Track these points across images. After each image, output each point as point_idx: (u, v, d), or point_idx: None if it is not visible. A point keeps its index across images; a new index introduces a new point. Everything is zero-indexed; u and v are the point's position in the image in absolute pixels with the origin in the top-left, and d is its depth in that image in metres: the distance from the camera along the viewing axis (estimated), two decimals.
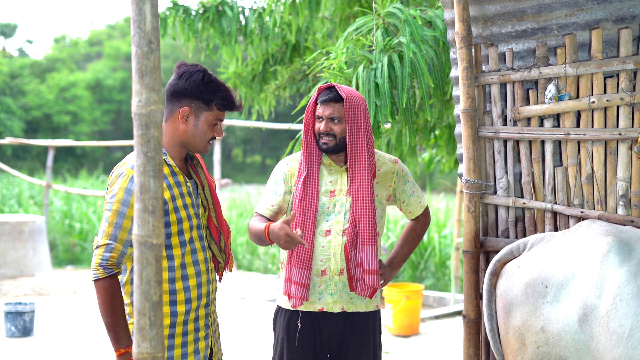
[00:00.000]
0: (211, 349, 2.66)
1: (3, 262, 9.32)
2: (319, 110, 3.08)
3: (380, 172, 3.17)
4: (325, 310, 3.09)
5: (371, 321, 3.16)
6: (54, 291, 8.70)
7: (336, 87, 3.06)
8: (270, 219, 3.16)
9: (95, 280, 2.46)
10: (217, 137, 2.63)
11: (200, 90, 2.53)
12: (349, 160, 3.07)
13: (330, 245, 3.07)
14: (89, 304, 8.05)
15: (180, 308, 2.52)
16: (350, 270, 3.07)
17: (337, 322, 3.10)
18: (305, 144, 3.12)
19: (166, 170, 2.53)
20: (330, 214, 3.09)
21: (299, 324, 3.09)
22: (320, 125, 3.07)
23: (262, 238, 3.00)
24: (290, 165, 3.18)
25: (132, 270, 2.54)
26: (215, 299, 2.70)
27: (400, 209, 3.31)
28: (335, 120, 3.06)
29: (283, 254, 3.20)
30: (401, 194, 3.23)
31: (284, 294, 3.11)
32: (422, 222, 3.33)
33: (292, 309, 3.11)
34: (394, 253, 3.32)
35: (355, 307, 3.11)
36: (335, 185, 3.12)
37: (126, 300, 2.55)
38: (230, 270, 2.79)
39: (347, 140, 3.05)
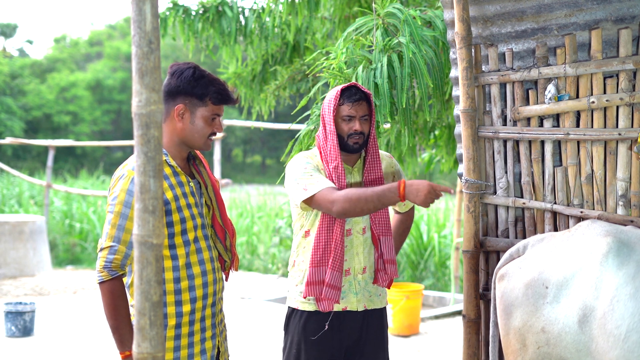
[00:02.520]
0: (218, 349, 2.66)
1: (3, 262, 9.33)
2: (350, 110, 3.06)
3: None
4: (349, 309, 3.12)
5: (383, 316, 3.25)
6: (54, 291, 8.71)
7: (358, 85, 3.11)
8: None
9: (99, 283, 2.45)
10: (217, 133, 2.61)
11: (192, 85, 2.53)
12: (368, 155, 3.12)
13: (352, 244, 3.11)
14: (89, 304, 8.05)
15: (186, 308, 2.51)
16: (377, 263, 3.15)
17: (357, 319, 3.14)
18: (329, 149, 3.04)
19: (168, 170, 2.53)
20: None
21: (326, 326, 3.09)
22: (354, 125, 3.06)
23: (388, 196, 2.82)
24: (315, 160, 3.11)
25: None
26: (221, 298, 2.69)
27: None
28: (365, 118, 3.09)
29: (294, 257, 3.19)
30: None
31: (311, 295, 3.05)
32: (411, 215, 3.48)
33: (310, 310, 3.10)
34: None
35: (373, 304, 3.18)
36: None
37: (131, 302, 2.54)
38: (236, 270, 2.79)
39: (370, 135, 3.11)
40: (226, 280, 2.76)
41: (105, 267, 2.43)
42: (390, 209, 3.19)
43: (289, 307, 3.21)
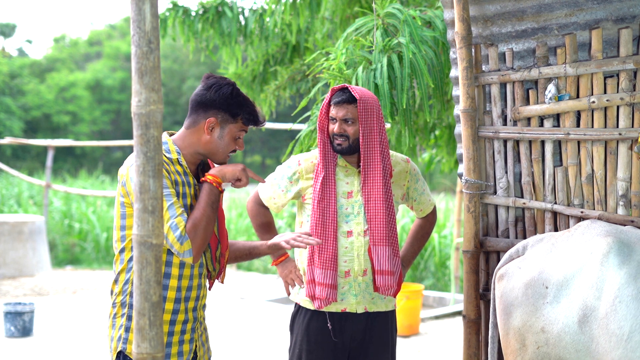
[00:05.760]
0: (195, 353, 2.66)
1: (3, 262, 9.32)
2: (333, 111, 3.08)
3: (394, 172, 3.18)
4: (348, 310, 3.10)
5: (390, 320, 3.20)
6: (54, 291, 8.70)
7: (349, 88, 3.07)
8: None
9: (191, 252, 2.44)
10: (237, 150, 2.65)
11: (229, 103, 2.56)
12: (362, 161, 3.07)
13: (353, 246, 3.09)
14: (89, 304, 8.05)
15: (169, 306, 2.52)
16: (372, 272, 3.10)
17: (359, 322, 3.12)
18: (320, 146, 3.12)
19: (179, 169, 2.54)
20: (349, 215, 3.11)
21: (329, 326, 3.09)
22: (334, 127, 3.07)
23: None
24: (303, 165, 3.18)
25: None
26: (205, 305, 2.70)
27: (412, 208, 3.33)
28: (349, 122, 3.06)
29: (297, 254, 3.21)
30: (413, 193, 3.26)
31: (307, 296, 3.10)
32: (430, 220, 3.39)
33: (313, 309, 3.11)
34: (403, 251, 3.34)
35: (376, 307, 3.14)
36: (352, 187, 3.12)
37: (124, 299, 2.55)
38: (222, 282, 2.78)
39: (361, 140, 3.05)
40: (209, 289, 2.76)
41: (181, 242, 2.41)
42: (410, 214, 3.18)
43: (295, 303, 3.22)
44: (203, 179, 2.56)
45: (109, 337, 2.55)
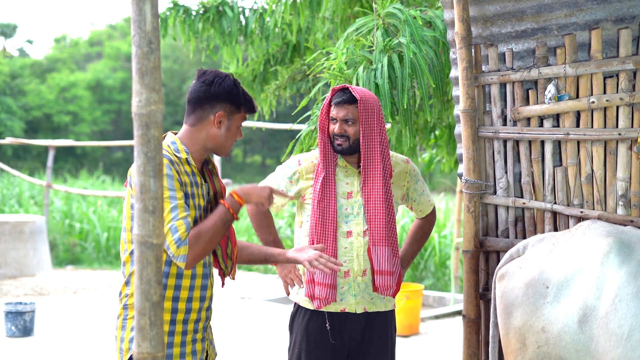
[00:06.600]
0: (207, 352, 2.68)
1: (3, 262, 9.33)
2: (333, 112, 3.09)
3: (394, 172, 3.19)
4: (347, 310, 3.10)
5: (389, 320, 3.20)
6: (54, 291, 8.71)
7: (350, 88, 3.07)
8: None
9: (187, 262, 2.42)
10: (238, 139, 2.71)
11: (234, 94, 2.60)
12: (362, 161, 3.08)
13: (352, 246, 3.09)
14: (89, 304, 8.06)
15: (182, 305, 2.53)
16: (372, 272, 3.10)
17: (358, 322, 3.12)
18: (321, 146, 3.13)
19: (188, 169, 2.56)
20: (349, 215, 3.11)
21: (327, 326, 3.10)
22: (335, 127, 3.08)
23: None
24: (303, 165, 3.18)
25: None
26: (211, 304, 2.72)
27: (411, 208, 3.34)
28: (349, 122, 3.07)
29: None
30: (413, 193, 3.26)
31: (306, 296, 3.10)
32: (430, 220, 3.40)
33: (313, 309, 3.11)
34: (403, 251, 3.34)
35: (375, 307, 3.14)
36: (352, 187, 3.13)
37: (132, 302, 2.55)
38: (233, 278, 2.80)
39: (361, 141, 3.06)
40: (222, 286, 2.78)
41: (178, 245, 2.39)
42: (409, 214, 3.18)
43: (294, 303, 3.23)
44: (230, 193, 2.58)
45: (117, 338, 2.55)
